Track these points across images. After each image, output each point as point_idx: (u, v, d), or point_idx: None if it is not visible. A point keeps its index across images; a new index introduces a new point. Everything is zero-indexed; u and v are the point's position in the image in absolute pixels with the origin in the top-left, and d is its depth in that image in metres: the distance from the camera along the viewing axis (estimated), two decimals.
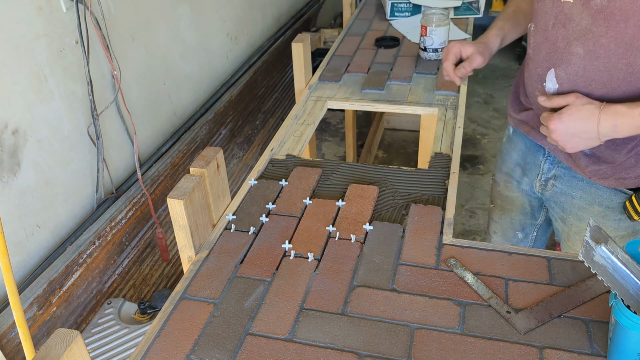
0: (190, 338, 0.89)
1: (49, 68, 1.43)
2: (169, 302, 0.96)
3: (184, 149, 2.00)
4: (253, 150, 2.63)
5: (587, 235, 0.77)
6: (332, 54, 1.94)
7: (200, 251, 1.07)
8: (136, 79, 1.81)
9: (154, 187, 1.81)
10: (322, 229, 1.10)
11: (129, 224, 1.69)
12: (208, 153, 1.13)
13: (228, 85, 2.41)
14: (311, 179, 1.26)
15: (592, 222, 0.78)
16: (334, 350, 0.85)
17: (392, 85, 1.70)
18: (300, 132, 1.48)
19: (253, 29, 2.73)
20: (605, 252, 0.75)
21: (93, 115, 1.58)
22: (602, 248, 0.75)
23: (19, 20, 1.33)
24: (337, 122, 3.42)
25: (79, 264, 1.49)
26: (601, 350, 0.83)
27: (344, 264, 1.01)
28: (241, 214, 1.16)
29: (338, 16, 4.04)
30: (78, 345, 0.73)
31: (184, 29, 2.08)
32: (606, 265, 0.76)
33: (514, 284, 0.96)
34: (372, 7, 2.40)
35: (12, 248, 1.36)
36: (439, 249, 1.04)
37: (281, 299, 0.95)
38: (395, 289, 0.96)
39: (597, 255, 0.76)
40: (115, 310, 1.49)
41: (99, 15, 1.57)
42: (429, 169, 1.29)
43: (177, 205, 1.00)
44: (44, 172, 1.45)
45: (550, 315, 0.89)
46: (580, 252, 0.76)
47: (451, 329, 0.88)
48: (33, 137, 1.40)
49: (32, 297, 1.35)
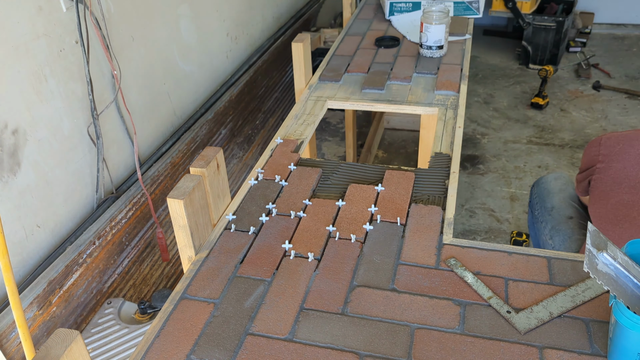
0: (190, 338, 0.89)
1: (48, 68, 1.43)
2: (169, 302, 0.96)
3: (184, 149, 2.00)
4: (253, 150, 2.63)
5: (588, 242, 0.76)
6: (332, 54, 1.94)
7: (200, 251, 1.07)
8: (136, 79, 1.81)
9: (154, 187, 1.81)
10: (322, 229, 1.10)
11: (129, 223, 1.69)
12: (208, 153, 1.13)
13: (228, 85, 2.41)
14: (311, 179, 1.26)
15: (590, 226, 0.78)
16: (334, 350, 0.85)
17: (392, 85, 1.70)
18: (300, 132, 1.48)
19: (253, 29, 2.73)
20: (607, 259, 0.75)
21: (93, 115, 1.58)
22: (604, 255, 0.75)
23: (19, 20, 1.33)
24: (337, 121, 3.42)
25: (79, 264, 1.49)
26: (601, 350, 0.83)
27: (344, 264, 1.01)
28: (241, 214, 1.16)
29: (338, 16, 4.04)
30: (78, 345, 0.73)
31: (184, 29, 2.08)
32: (609, 272, 0.75)
33: (514, 283, 0.96)
34: (372, 7, 2.40)
35: (12, 248, 1.36)
36: (439, 248, 1.04)
37: (281, 299, 0.95)
38: (395, 289, 0.96)
39: (600, 263, 0.75)
40: (115, 310, 1.49)
41: (98, 15, 1.57)
42: (429, 169, 1.29)
43: (177, 205, 1.00)
44: (44, 172, 1.45)
45: (550, 315, 0.89)
46: (585, 263, 0.75)
47: (451, 329, 0.88)
48: (33, 137, 1.40)
49: (32, 297, 1.35)
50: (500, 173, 2.82)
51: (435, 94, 1.62)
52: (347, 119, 2.63)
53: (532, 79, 3.78)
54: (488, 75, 3.92)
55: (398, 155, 3.09)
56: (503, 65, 4.05)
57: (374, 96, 1.64)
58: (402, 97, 1.62)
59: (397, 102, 1.60)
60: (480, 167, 2.91)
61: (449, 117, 1.51)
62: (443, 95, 1.62)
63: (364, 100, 1.63)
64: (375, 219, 1.13)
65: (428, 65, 1.79)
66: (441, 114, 1.53)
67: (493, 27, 4.52)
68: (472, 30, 2.11)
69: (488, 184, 2.76)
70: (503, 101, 3.56)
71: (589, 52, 4.01)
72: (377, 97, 1.63)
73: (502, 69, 4.00)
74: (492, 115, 3.41)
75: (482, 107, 3.49)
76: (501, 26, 4.55)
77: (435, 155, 1.34)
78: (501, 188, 2.70)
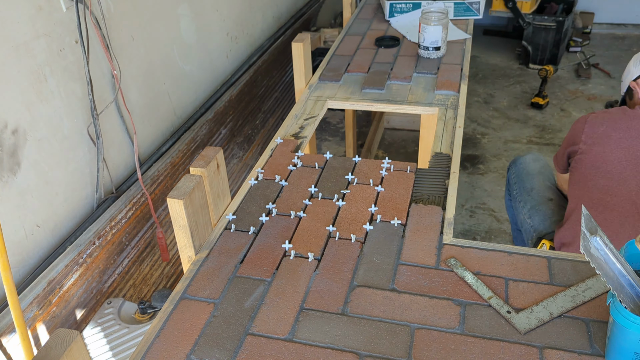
0: (190, 338, 0.89)
1: (48, 68, 1.43)
2: (169, 302, 0.96)
3: (184, 149, 2.00)
4: (253, 150, 2.62)
5: (583, 224, 0.77)
6: (332, 54, 1.94)
7: (200, 251, 1.07)
8: (136, 79, 1.81)
9: (154, 186, 1.81)
10: (322, 229, 1.10)
11: (129, 223, 1.69)
12: (208, 153, 1.13)
13: (228, 84, 2.41)
14: (311, 179, 1.26)
15: (584, 209, 0.78)
16: (334, 350, 0.85)
17: (392, 85, 1.70)
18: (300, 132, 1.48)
19: (253, 29, 2.73)
20: (599, 243, 0.75)
21: (93, 114, 1.58)
22: (597, 240, 0.75)
23: (19, 20, 1.33)
24: (337, 121, 3.42)
25: (78, 264, 1.48)
26: (601, 350, 0.83)
27: (344, 264, 1.01)
28: (241, 214, 1.16)
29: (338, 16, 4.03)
30: (78, 345, 0.73)
31: (183, 29, 2.08)
32: (600, 257, 0.76)
33: (514, 283, 0.95)
34: (372, 7, 2.40)
35: (12, 248, 1.36)
36: (439, 248, 1.04)
37: (281, 299, 0.95)
38: (395, 289, 0.96)
39: (593, 247, 0.76)
40: (115, 310, 1.49)
41: (98, 14, 1.57)
42: (429, 169, 1.29)
43: (177, 205, 1.00)
44: (44, 172, 1.45)
45: (550, 315, 0.89)
46: (581, 245, 0.76)
47: (451, 329, 0.88)
48: (33, 137, 1.40)
49: (32, 296, 1.35)
50: (501, 173, 2.82)
51: (435, 94, 1.62)
52: (347, 119, 2.63)
53: (532, 79, 3.78)
54: (488, 75, 3.92)
55: (398, 155, 3.09)
56: (503, 65, 4.05)
57: (374, 96, 1.64)
58: (402, 97, 1.62)
59: (397, 102, 1.60)
60: (480, 167, 2.90)
61: (449, 117, 1.51)
62: (443, 95, 1.62)
63: (364, 100, 1.63)
64: (375, 219, 1.13)
65: (428, 65, 1.79)
66: (441, 113, 1.53)
67: (493, 27, 4.52)
68: (472, 30, 2.11)
69: (488, 184, 2.76)
70: (503, 101, 3.56)
71: (589, 52, 4.01)
72: (377, 97, 1.63)
73: (502, 69, 3.99)
74: (492, 115, 3.40)
75: (482, 107, 3.49)
76: (501, 26, 4.55)
77: (436, 155, 1.34)
78: (501, 188, 2.70)
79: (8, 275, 1.11)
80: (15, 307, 1.15)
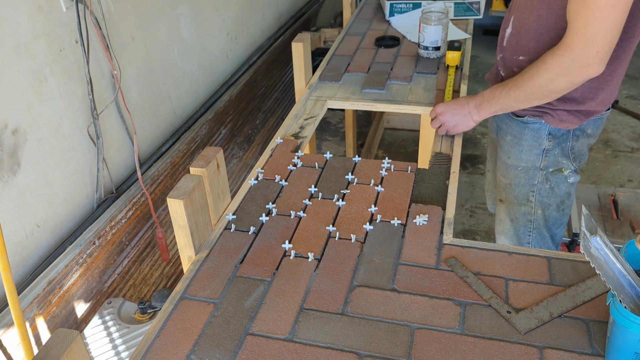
0: (190, 338, 0.89)
1: (48, 68, 1.43)
2: (169, 302, 0.96)
3: (184, 149, 2.00)
4: (253, 150, 2.63)
5: (583, 225, 0.77)
6: (332, 54, 1.94)
7: (200, 251, 1.07)
8: (136, 79, 1.81)
9: (154, 186, 1.81)
10: (322, 229, 1.10)
11: (129, 223, 1.69)
12: (208, 153, 1.13)
13: (228, 84, 2.41)
14: (311, 178, 1.26)
15: (585, 210, 0.79)
16: (334, 350, 0.85)
17: (392, 85, 1.70)
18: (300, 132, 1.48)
19: (253, 29, 2.73)
20: (599, 243, 0.75)
21: (93, 114, 1.58)
22: (597, 239, 0.75)
23: (19, 20, 1.33)
24: (337, 121, 3.42)
25: (79, 264, 1.48)
26: (601, 350, 0.83)
27: (344, 264, 1.01)
28: (241, 214, 1.16)
29: (338, 16, 4.03)
30: (78, 345, 0.73)
31: (183, 29, 2.08)
32: (600, 257, 0.76)
33: (514, 284, 0.96)
34: (372, 7, 2.40)
35: (12, 247, 1.36)
36: (439, 248, 1.04)
37: (281, 299, 0.95)
38: (395, 289, 0.96)
39: (593, 247, 0.76)
40: (115, 310, 1.49)
41: (98, 14, 1.57)
42: (429, 169, 1.29)
43: (177, 205, 1.00)
44: (44, 172, 1.45)
45: (550, 315, 0.89)
46: (581, 245, 0.76)
47: (451, 329, 0.88)
48: (33, 137, 1.40)
49: (32, 296, 1.35)
50: None
51: (435, 94, 1.62)
52: (347, 119, 2.63)
53: None
54: None
55: (398, 155, 3.09)
56: None
57: (374, 96, 1.64)
58: (402, 96, 1.62)
59: (397, 102, 1.60)
60: (480, 167, 2.90)
61: None
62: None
63: (364, 100, 1.63)
64: (375, 218, 1.13)
65: (428, 65, 1.79)
66: None
67: (493, 27, 4.52)
68: (472, 30, 2.11)
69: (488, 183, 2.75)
70: None
71: None
72: (377, 97, 1.63)
73: None
74: None
75: None
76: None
77: (436, 155, 1.34)
78: None
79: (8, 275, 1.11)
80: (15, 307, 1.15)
